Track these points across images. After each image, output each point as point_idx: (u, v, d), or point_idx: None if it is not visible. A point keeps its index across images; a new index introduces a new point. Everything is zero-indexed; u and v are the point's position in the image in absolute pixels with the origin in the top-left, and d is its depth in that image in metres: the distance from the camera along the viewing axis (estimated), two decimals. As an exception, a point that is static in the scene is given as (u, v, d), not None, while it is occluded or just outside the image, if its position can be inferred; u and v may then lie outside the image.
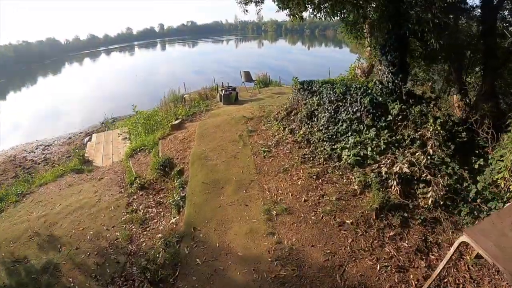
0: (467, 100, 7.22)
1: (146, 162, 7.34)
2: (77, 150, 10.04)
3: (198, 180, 5.54)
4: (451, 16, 6.50)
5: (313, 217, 4.60)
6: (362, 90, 6.13)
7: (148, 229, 5.57)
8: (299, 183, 5.15)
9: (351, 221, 4.53)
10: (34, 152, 14.07)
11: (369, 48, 12.11)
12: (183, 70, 38.82)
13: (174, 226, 5.14)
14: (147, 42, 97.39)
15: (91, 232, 5.77)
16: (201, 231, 4.62)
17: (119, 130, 11.46)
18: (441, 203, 4.54)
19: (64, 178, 8.85)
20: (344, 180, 5.16)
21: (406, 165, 4.94)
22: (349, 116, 5.96)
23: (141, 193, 6.42)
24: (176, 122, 8.49)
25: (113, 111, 18.60)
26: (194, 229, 4.67)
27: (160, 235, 5.20)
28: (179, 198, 5.30)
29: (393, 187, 4.91)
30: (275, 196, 5.02)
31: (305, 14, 7.28)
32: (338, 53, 49.24)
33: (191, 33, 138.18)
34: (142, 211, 5.95)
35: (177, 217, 5.22)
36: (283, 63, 38.86)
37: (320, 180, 5.17)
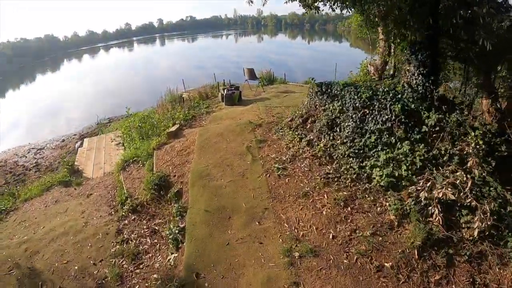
0: (498, 106, 6.24)
1: (139, 177, 6.33)
2: (65, 160, 9.01)
3: (199, 208, 4.49)
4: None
5: (345, 260, 3.60)
6: (391, 94, 5.10)
7: (141, 266, 4.55)
8: (324, 212, 4.12)
9: (390, 264, 3.55)
10: (26, 157, 13.05)
11: (382, 44, 11.04)
12: (183, 65, 37.65)
13: (172, 266, 4.18)
14: (146, 38, 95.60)
15: (76, 267, 4.79)
16: (206, 278, 3.60)
17: (113, 134, 10.41)
18: (487, 233, 3.68)
19: (51, 192, 7.86)
20: (378, 208, 4.14)
21: (449, 189, 3.97)
22: (377, 126, 4.91)
23: (133, 217, 5.41)
24: (173, 129, 7.42)
25: (110, 110, 17.60)
26: (197, 275, 3.65)
27: (155, 275, 4.22)
28: (177, 231, 4.26)
29: (434, 215, 3.94)
30: (295, 230, 3.99)
31: (321, 5, 6.19)
32: (338, 48, 47.97)
33: (190, 28, 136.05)
34: (134, 241, 4.96)
35: (176, 254, 4.22)
36: (283, 58, 37.66)
37: (349, 208, 4.15)
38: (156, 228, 4.92)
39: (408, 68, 5.81)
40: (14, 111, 22.67)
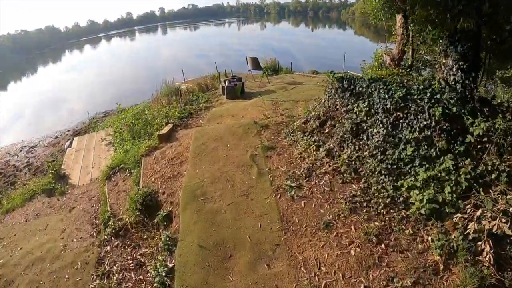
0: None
1: (125, 189, 5.36)
2: (50, 164, 8.06)
3: (192, 241, 3.49)
4: None
5: (385, 326, 2.68)
6: (428, 94, 4.02)
7: (123, 313, 3.71)
8: (352, 251, 3.09)
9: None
10: (18, 156, 12.15)
11: (400, 31, 9.80)
12: (185, 54, 36.33)
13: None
14: (147, 27, 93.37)
15: (51, 308, 3.97)
16: None
17: (104, 132, 9.41)
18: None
19: (34, 202, 6.96)
20: (419, 245, 3.12)
21: (503, 220, 3.00)
22: (414, 134, 3.87)
23: (116, 243, 4.46)
24: (165, 130, 6.31)
25: (110, 101, 16.56)
26: None
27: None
28: (164, 273, 3.27)
29: (484, 252, 2.99)
30: (316, 277, 2.96)
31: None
32: (342, 35, 45.99)
33: (192, 16, 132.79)
34: (116, 275, 4.01)
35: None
36: (286, 45, 36.13)
37: (383, 246, 3.12)
38: (142, 260, 3.96)
39: (444, 61, 4.70)
40: (13, 105, 21.77)
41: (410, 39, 9.44)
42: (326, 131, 4.66)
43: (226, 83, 8.89)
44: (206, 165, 4.77)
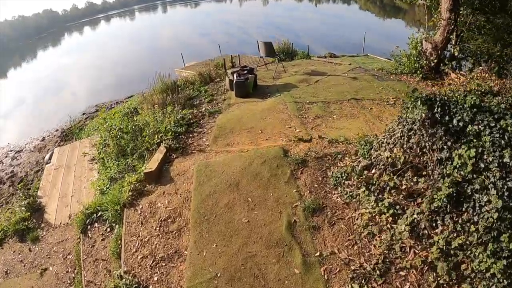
0: None
1: (104, 258, 3.62)
2: (26, 192, 6.27)
3: None
4: None
5: None
6: None
7: None
8: None
9: None
10: (3, 163, 10.48)
11: (447, 14, 7.32)
12: (187, 32, 33.37)
13: None
14: (147, 5, 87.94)
15: None
16: None
17: (88, 141, 7.45)
18: None
19: (4, 249, 5.23)
20: None
21: None
22: None
23: None
24: (155, 164, 4.13)
25: (104, 90, 14.63)
26: None
27: None
28: None
29: None
30: None
31: None
32: (347, 11, 41.90)
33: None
34: None
35: None
36: (292, 22, 32.91)
37: None
38: None
39: None
40: (10, 96, 19.89)
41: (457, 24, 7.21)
42: (407, 188, 2.74)
43: (235, 77, 6.83)
44: (218, 241, 2.86)
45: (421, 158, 2.71)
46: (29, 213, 5.67)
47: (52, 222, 5.36)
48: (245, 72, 6.91)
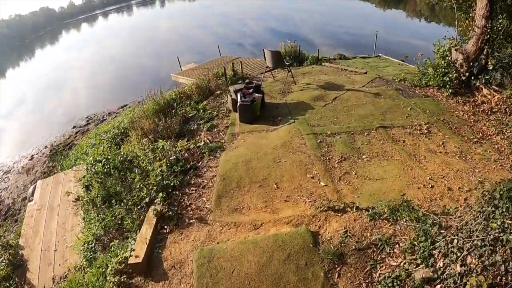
0: None
1: None
2: (5, 243, 5.06)
3: None
4: None
5: None
6: None
7: None
8: None
9: None
10: (-11, 186, 9.33)
11: (482, 22, 5.77)
12: (185, 25, 31.65)
13: None
14: (145, 0, 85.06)
15: None
16: None
17: (73, 174, 6.00)
18: None
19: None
20: None
21: None
22: None
23: None
24: (141, 254, 2.81)
25: (102, 96, 13.28)
26: None
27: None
28: None
29: None
30: None
31: None
32: (347, 1, 39.71)
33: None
34: None
35: None
36: (290, 13, 31.06)
37: None
38: None
39: None
40: (4, 101, 18.48)
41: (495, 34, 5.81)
42: None
43: (239, 97, 5.49)
44: None
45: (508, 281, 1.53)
46: (10, 269, 4.54)
47: (35, 284, 4.19)
48: (251, 90, 5.58)
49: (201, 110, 6.17)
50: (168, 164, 4.24)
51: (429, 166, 3.82)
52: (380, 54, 10.61)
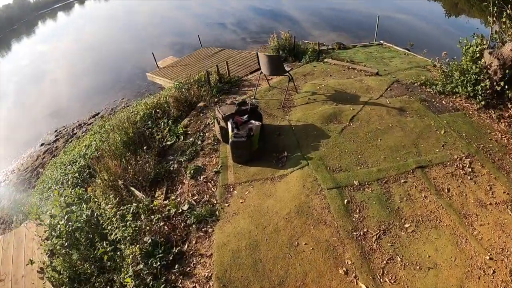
0: None
1: None
2: None
3: None
4: None
5: None
6: None
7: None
8: None
9: None
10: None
11: None
12: (165, 8, 28.11)
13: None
14: (123, -18, 76.99)
15: None
16: None
17: (35, 229, 4.22)
18: None
19: None
20: None
21: None
22: None
23: None
24: None
25: (75, 98, 10.99)
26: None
27: None
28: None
29: None
30: None
31: None
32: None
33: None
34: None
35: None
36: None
37: None
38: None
39: None
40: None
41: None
42: None
43: (230, 127, 3.72)
44: None
45: None
46: None
47: None
48: (245, 116, 3.85)
49: (182, 137, 4.48)
50: (144, 252, 2.66)
51: (484, 232, 2.68)
52: (382, 42, 8.83)
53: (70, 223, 3.24)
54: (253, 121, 3.75)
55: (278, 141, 4.00)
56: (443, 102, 4.71)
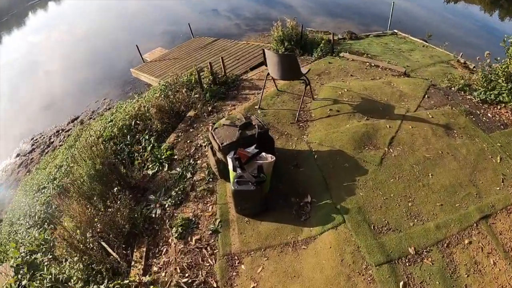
0: None
1: None
2: None
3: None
4: None
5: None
6: None
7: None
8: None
9: None
10: None
11: None
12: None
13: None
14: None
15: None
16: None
17: (5, 274, 3.13)
18: None
19: None
20: None
21: None
22: None
23: None
24: None
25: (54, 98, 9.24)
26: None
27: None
28: None
29: None
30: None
31: None
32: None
33: None
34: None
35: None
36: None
37: None
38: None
39: None
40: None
41: None
42: None
43: (231, 165, 2.28)
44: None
45: None
46: None
47: None
48: (252, 149, 2.51)
49: (166, 164, 3.18)
50: None
51: None
52: (396, 31, 7.40)
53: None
54: (263, 154, 2.44)
55: (296, 176, 2.74)
56: (489, 114, 3.54)
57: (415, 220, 2.31)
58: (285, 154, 2.99)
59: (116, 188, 2.74)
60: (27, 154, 6.82)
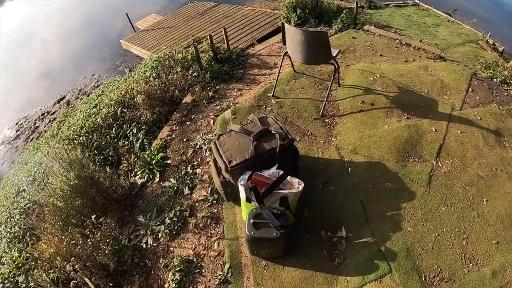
0: None
1: None
2: None
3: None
4: None
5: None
6: None
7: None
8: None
9: None
10: None
11: None
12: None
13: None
14: None
15: None
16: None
17: None
18: None
19: None
20: None
21: None
22: None
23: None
24: None
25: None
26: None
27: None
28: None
29: None
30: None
31: None
32: None
33: None
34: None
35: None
36: None
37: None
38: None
39: None
40: None
41: None
42: None
43: (244, 195, 1.54)
44: None
45: None
46: None
47: None
48: (274, 174, 1.72)
49: (158, 172, 2.42)
50: None
51: None
52: (418, 1, 6.13)
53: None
54: (289, 179, 1.67)
55: (326, 199, 2.01)
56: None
57: (470, 264, 1.70)
58: (310, 164, 2.22)
59: (93, 216, 1.99)
60: (12, 142, 5.81)
